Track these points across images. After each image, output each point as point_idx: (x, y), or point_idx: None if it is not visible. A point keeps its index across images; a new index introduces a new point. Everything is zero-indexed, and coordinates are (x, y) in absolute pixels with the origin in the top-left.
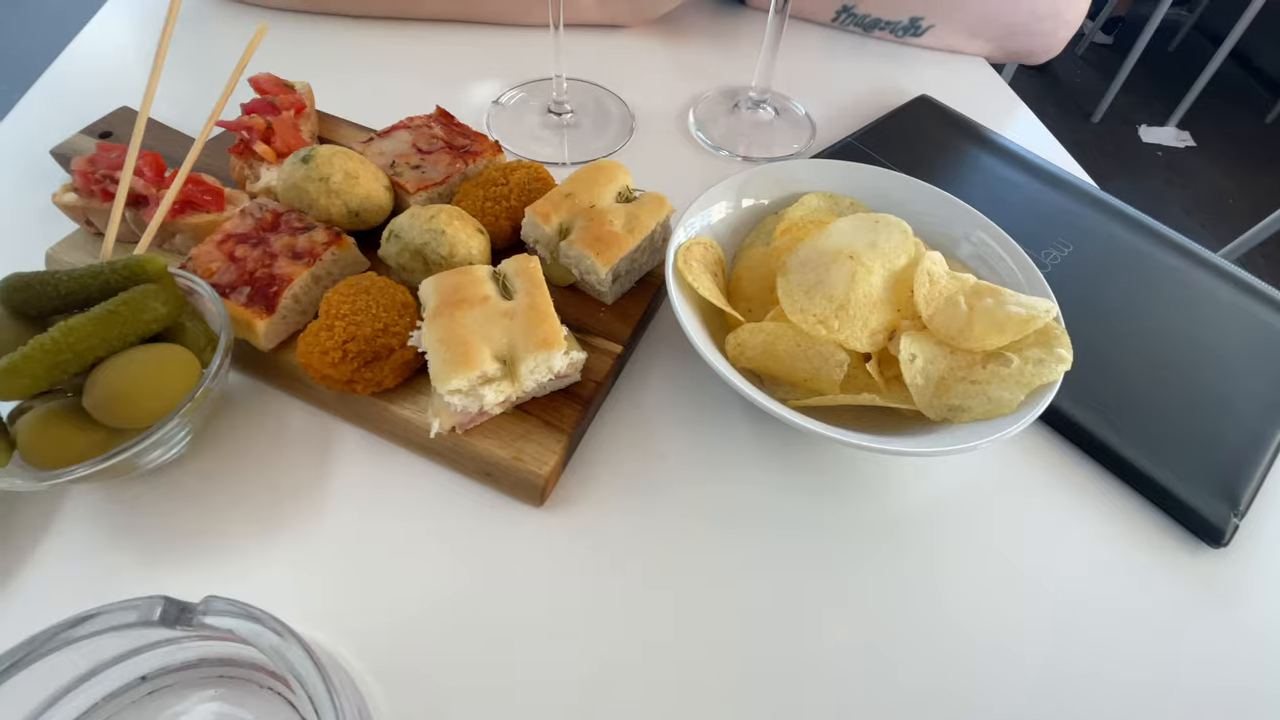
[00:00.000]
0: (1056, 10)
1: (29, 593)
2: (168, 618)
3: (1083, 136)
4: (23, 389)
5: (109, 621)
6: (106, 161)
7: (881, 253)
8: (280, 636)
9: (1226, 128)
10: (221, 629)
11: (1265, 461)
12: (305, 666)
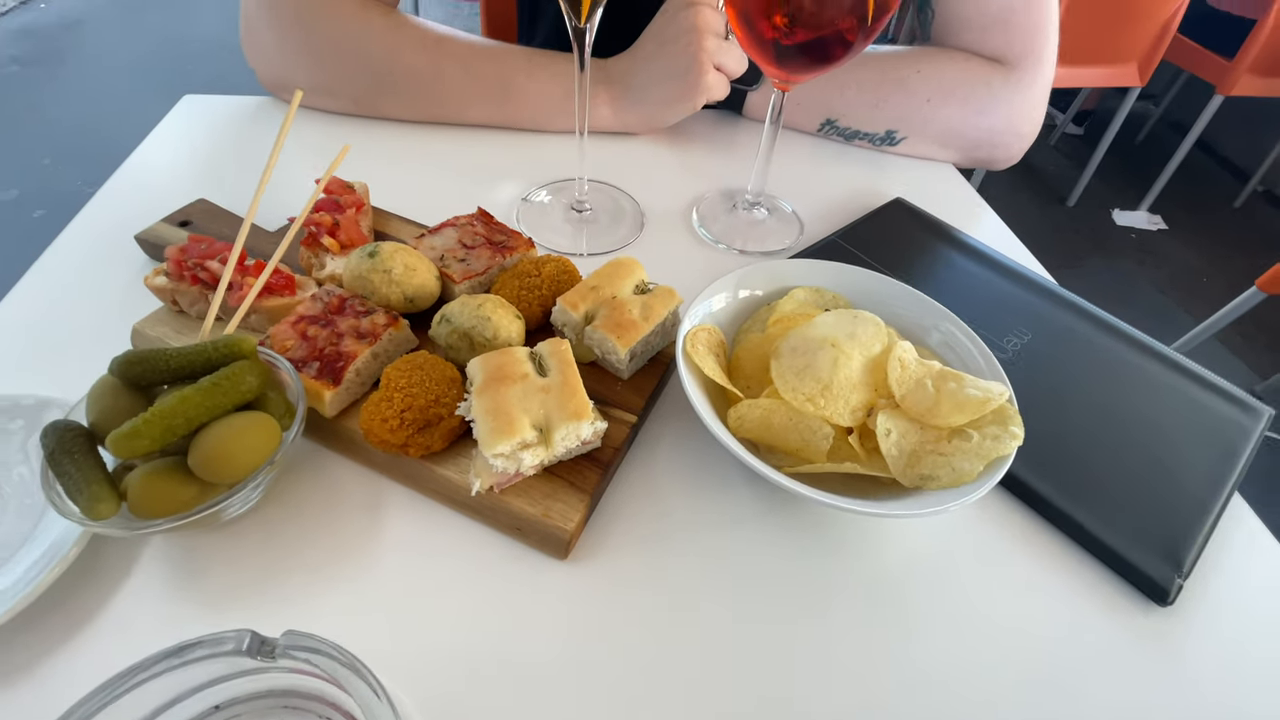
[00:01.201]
0: (1013, 127)
1: (110, 628)
2: (253, 649)
3: (1059, 220)
4: (141, 449)
5: (208, 650)
6: (197, 251)
7: (859, 342)
8: (352, 669)
9: (1197, 211)
10: (299, 660)
11: (1206, 528)
12: (369, 696)
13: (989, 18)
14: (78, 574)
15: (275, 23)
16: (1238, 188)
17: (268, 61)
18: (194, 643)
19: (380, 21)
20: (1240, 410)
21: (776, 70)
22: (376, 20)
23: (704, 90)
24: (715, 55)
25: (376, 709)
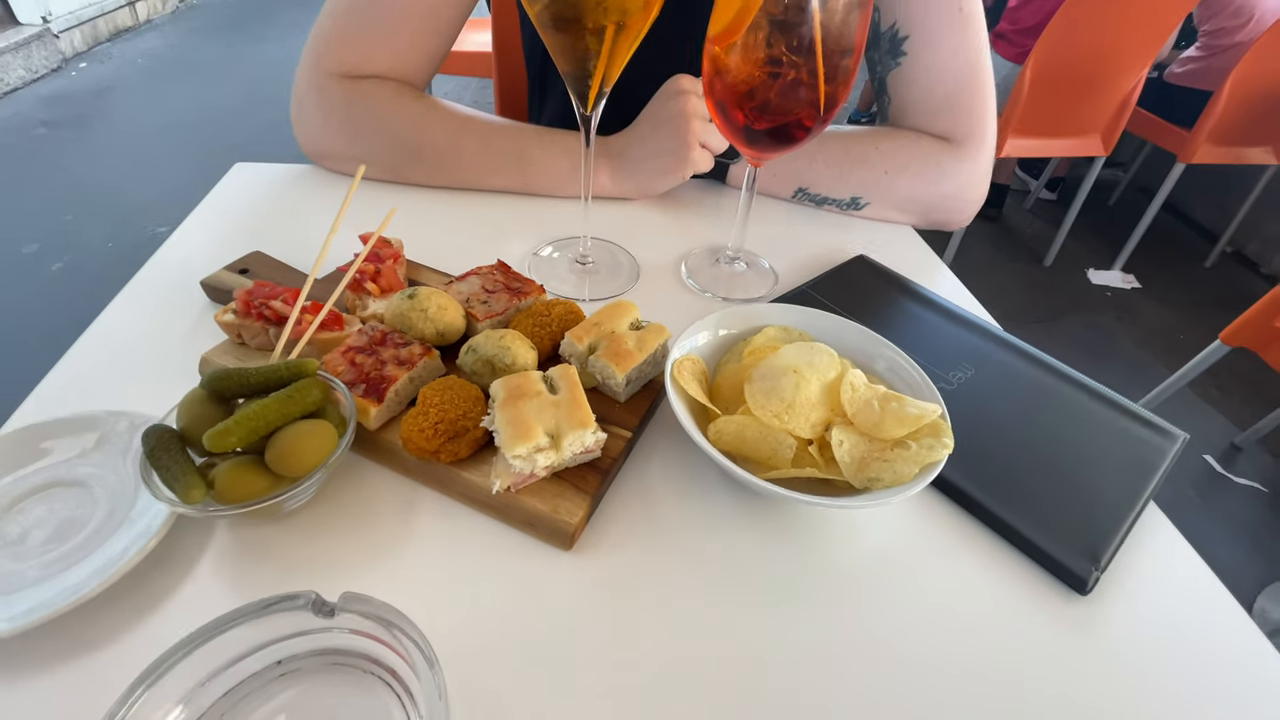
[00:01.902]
0: (961, 194)
1: (185, 599)
2: (317, 606)
3: (1037, 278)
4: (230, 444)
5: (282, 606)
6: (262, 293)
7: (817, 369)
8: (399, 625)
9: (1169, 271)
10: (355, 615)
11: (1122, 531)
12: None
13: (936, 103)
14: (159, 556)
15: (322, 105)
16: (1207, 248)
17: (313, 136)
18: (271, 599)
19: (411, 105)
20: (1158, 434)
21: (748, 150)
22: (408, 104)
23: (691, 164)
24: (701, 135)
25: (420, 664)
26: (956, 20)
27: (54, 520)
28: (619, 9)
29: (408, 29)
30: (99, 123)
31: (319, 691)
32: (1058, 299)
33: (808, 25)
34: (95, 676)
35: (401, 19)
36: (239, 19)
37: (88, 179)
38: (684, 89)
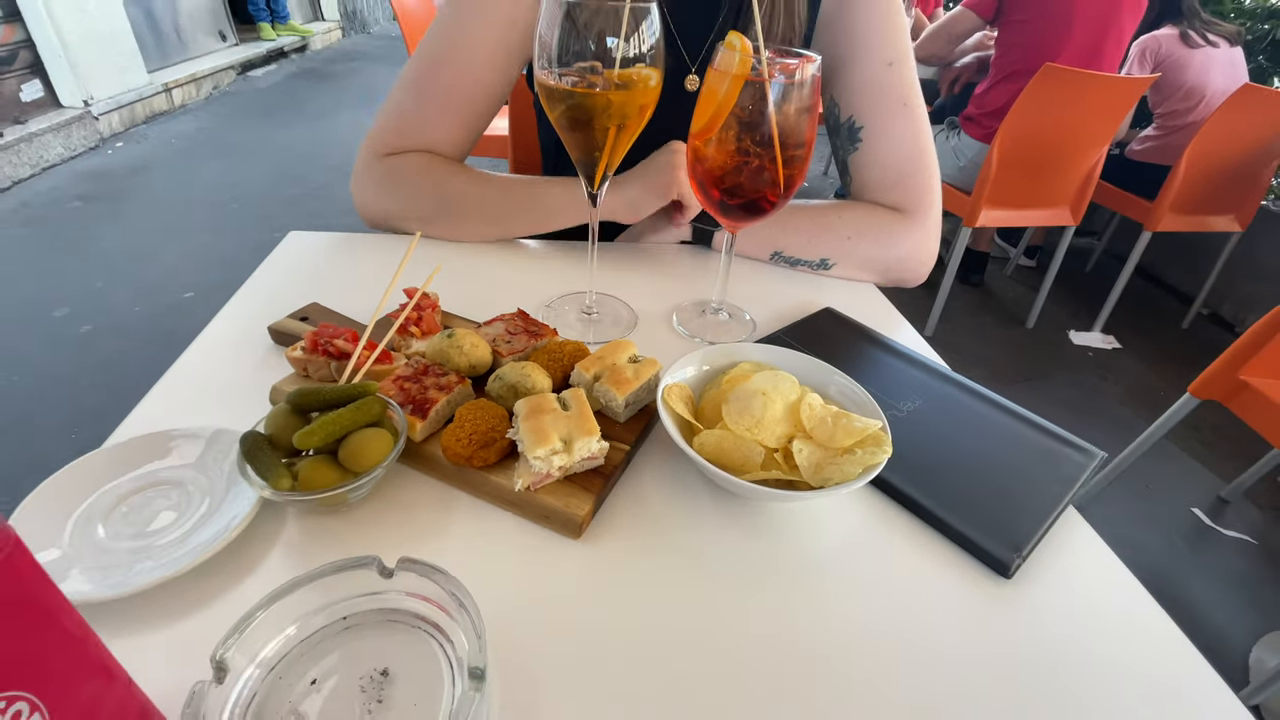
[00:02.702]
0: (914, 256)
1: (263, 574)
2: (380, 568)
3: (1021, 340)
4: (313, 443)
5: (352, 565)
6: (326, 334)
7: (781, 392)
8: (447, 585)
9: (1148, 332)
10: (411, 573)
11: (1042, 527)
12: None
13: (889, 181)
14: (242, 541)
15: (372, 178)
16: (1183, 310)
17: (366, 201)
18: (343, 561)
19: (441, 167)
20: (1079, 452)
21: (725, 220)
22: (439, 166)
23: (675, 186)
24: (683, 186)
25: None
26: (901, 113)
27: (160, 511)
28: (620, 114)
29: (446, 120)
30: (132, 197)
31: (377, 641)
32: (1042, 360)
33: (767, 125)
34: (193, 631)
35: (441, 112)
36: (267, 105)
37: (119, 248)
38: (675, 149)
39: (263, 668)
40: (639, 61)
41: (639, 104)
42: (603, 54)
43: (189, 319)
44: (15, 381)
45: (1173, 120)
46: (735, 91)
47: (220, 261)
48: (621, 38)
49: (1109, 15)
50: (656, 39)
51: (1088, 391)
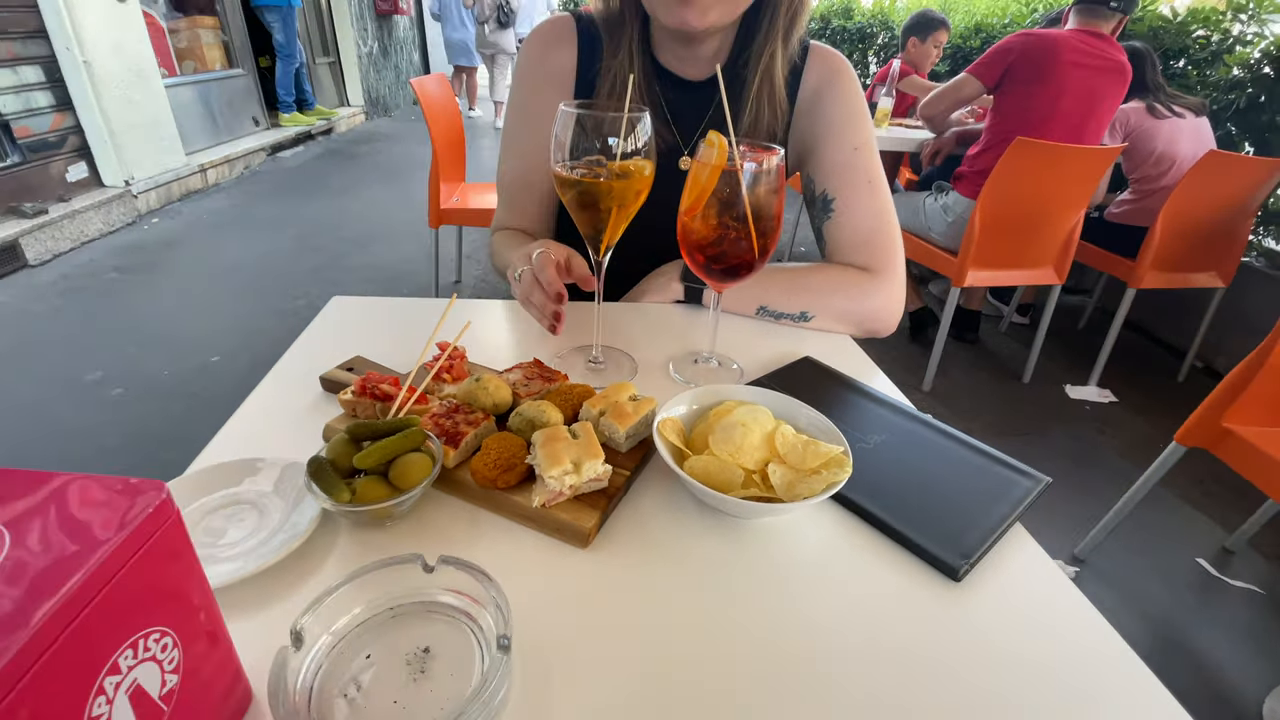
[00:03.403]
0: (884, 308)
1: (321, 576)
2: (422, 564)
3: (1017, 394)
4: (369, 463)
5: (399, 561)
6: (373, 380)
7: (758, 423)
8: (482, 575)
9: (1143, 386)
10: (451, 568)
11: (989, 539)
12: (485, 595)
13: (858, 245)
14: (304, 550)
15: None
16: (1177, 364)
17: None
18: (391, 558)
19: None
20: (1026, 477)
21: (711, 281)
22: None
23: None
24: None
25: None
26: (867, 189)
27: (237, 524)
28: (619, 198)
29: (521, 212)
30: (165, 269)
31: (419, 627)
32: (1039, 414)
33: (742, 203)
34: (265, 619)
35: (517, 207)
36: (294, 183)
37: (151, 316)
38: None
39: (328, 642)
40: (635, 155)
41: (635, 189)
42: (605, 150)
43: (214, 380)
44: (45, 438)
45: (1146, 185)
46: (714, 179)
47: (245, 327)
48: (621, 138)
49: (1095, 92)
50: (648, 138)
51: (1086, 444)
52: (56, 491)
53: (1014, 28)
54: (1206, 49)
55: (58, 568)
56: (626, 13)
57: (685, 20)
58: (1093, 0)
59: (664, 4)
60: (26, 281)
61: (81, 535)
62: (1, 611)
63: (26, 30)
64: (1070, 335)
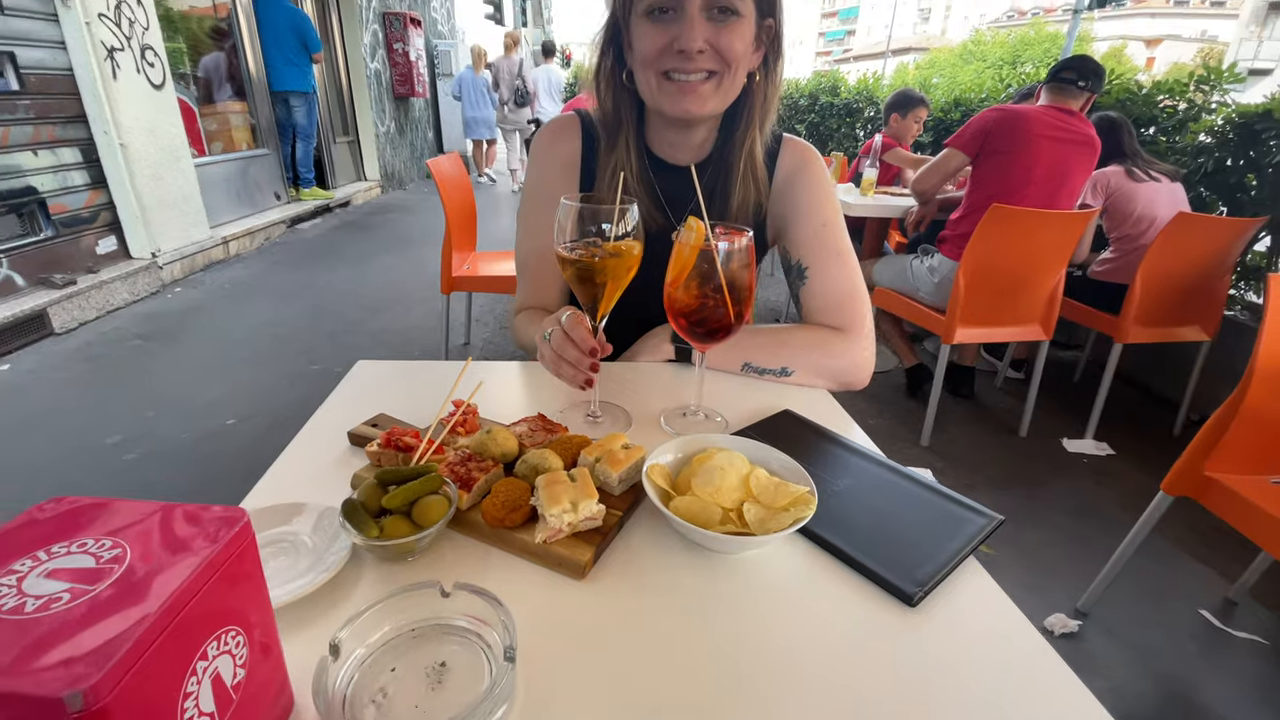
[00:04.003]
0: (856, 363)
1: (351, 604)
2: (439, 589)
3: (1015, 448)
4: (395, 504)
5: (420, 588)
6: (397, 434)
7: (735, 467)
8: (493, 600)
9: (1139, 439)
10: (465, 593)
11: (943, 569)
12: (494, 617)
13: (830, 307)
14: (336, 582)
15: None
16: (1172, 416)
17: (514, 337)
18: (412, 584)
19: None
20: (980, 515)
21: (695, 343)
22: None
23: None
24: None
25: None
26: (836, 259)
27: (284, 556)
28: (612, 273)
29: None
30: (185, 336)
31: (437, 645)
32: (1038, 467)
33: (718, 277)
34: (303, 638)
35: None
36: (313, 252)
37: (170, 382)
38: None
39: (360, 655)
40: (625, 237)
41: (626, 266)
42: (600, 234)
43: (229, 443)
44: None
45: (1127, 244)
46: (693, 257)
47: (261, 391)
48: (614, 224)
49: (1065, 163)
50: (636, 223)
51: (1085, 497)
52: (163, 514)
53: (990, 101)
54: (1174, 118)
55: (171, 570)
56: (622, 115)
57: (688, 109)
58: (1062, 79)
59: (669, 97)
60: (52, 349)
61: (185, 547)
62: (131, 602)
63: (68, 115)
64: (1065, 389)
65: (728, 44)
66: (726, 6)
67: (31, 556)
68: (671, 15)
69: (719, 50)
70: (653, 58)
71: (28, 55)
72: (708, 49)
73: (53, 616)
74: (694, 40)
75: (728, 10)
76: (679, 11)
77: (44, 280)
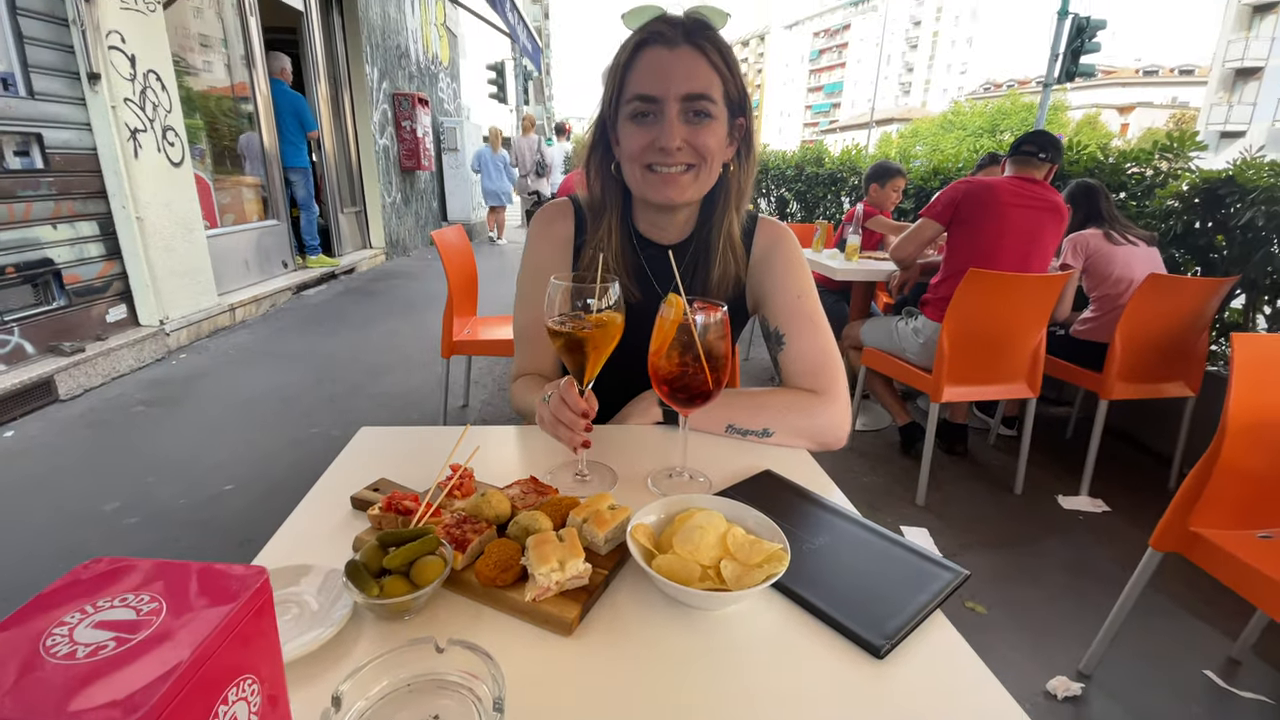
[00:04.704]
0: (833, 423)
1: (352, 659)
2: (435, 645)
3: (1011, 506)
4: (395, 564)
5: (416, 644)
6: (397, 498)
7: (713, 526)
8: (484, 655)
9: (1134, 495)
10: (458, 649)
11: (909, 622)
12: (485, 671)
13: (806, 372)
14: (339, 638)
15: (512, 389)
16: (1166, 470)
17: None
18: (409, 640)
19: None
20: (946, 570)
21: (678, 407)
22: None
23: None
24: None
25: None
26: (810, 327)
27: (290, 613)
28: (595, 345)
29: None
30: (188, 401)
31: (431, 698)
32: (1034, 525)
33: (695, 347)
34: (310, 689)
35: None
36: (317, 318)
37: (171, 447)
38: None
39: (360, 707)
40: (607, 309)
41: (609, 335)
42: (585, 308)
43: (225, 509)
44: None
45: (1106, 304)
46: (673, 331)
47: (260, 456)
48: (597, 299)
49: (1034, 228)
50: (618, 298)
51: (1083, 555)
52: (194, 571)
53: (966, 170)
54: (1141, 184)
55: (201, 621)
56: (608, 201)
57: (669, 197)
58: (1024, 153)
59: (652, 186)
60: (55, 415)
61: (213, 601)
62: (171, 648)
63: (89, 191)
64: (1058, 445)
65: (703, 142)
66: (701, 110)
67: (80, 609)
68: (653, 118)
69: (695, 147)
70: (637, 153)
71: (54, 136)
72: (685, 146)
73: (100, 663)
74: (673, 139)
75: (702, 114)
76: (659, 115)
77: (53, 348)
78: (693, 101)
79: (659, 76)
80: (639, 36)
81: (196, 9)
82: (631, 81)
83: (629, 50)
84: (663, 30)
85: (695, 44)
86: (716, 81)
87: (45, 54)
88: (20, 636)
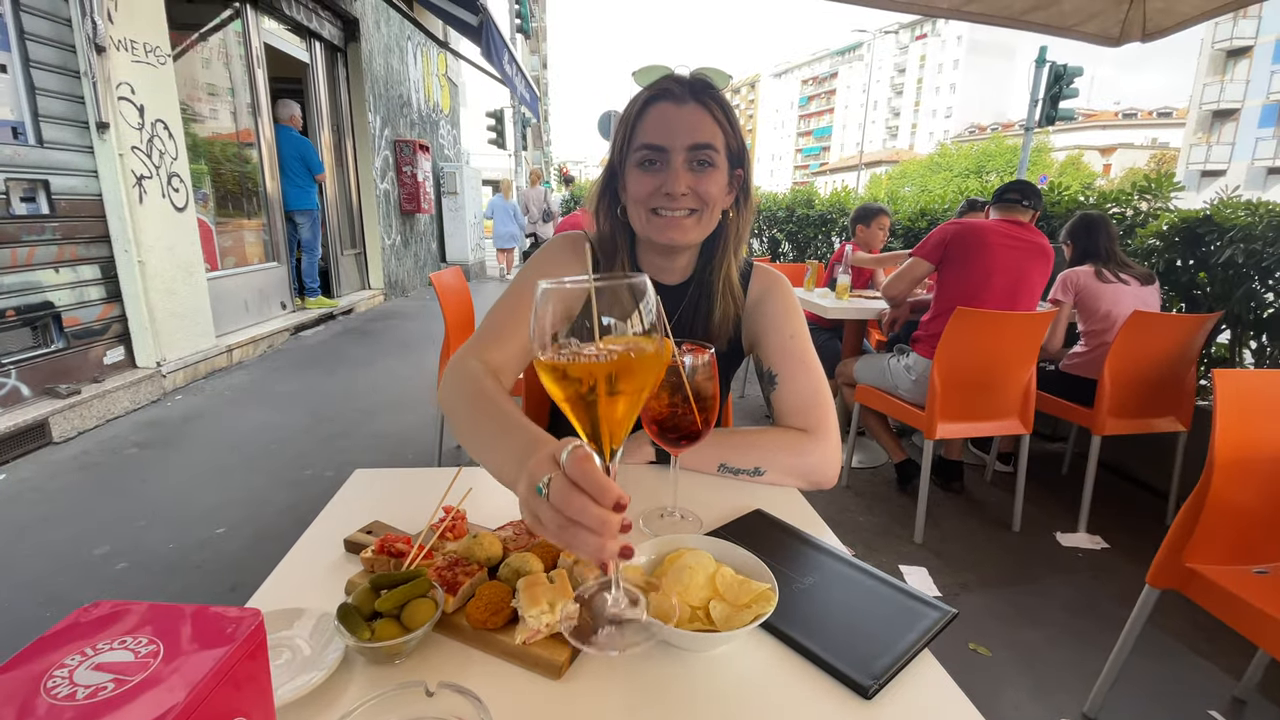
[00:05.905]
0: (823, 462)
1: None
2: (425, 689)
3: (1010, 543)
4: (387, 607)
5: (408, 688)
6: (390, 540)
7: (702, 566)
8: (474, 699)
9: (1133, 531)
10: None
11: (897, 662)
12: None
13: (797, 411)
14: (331, 682)
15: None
16: (1163, 505)
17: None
18: (400, 684)
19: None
20: (933, 609)
21: (668, 447)
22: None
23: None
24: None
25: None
26: (801, 368)
27: (282, 657)
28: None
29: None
30: (182, 443)
31: None
32: (1034, 563)
33: (684, 388)
34: None
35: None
36: (314, 358)
37: (164, 490)
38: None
39: None
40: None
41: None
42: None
43: (215, 554)
44: (48, 616)
45: (1096, 339)
46: (662, 373)
47: (252, 499)
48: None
49: (1021, 267)
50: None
51: (1084, 593)
52: (190, 614)
53: (952, 210)
54: (1123, 223)
55: (198, 662)
56: (617, 237)
57: (673, 239)
58: (1008, 199)
59: (657, 228)
60: (48, 458)
61: (209, 643)
62: (168, 689)
63: (92, 236)
64: (1054, 481)
65: (705, 188)
66: (705, 159)
67: (80, 651)
68: (659, 166)
69: (698, 193)
70: (644, 198)
71: (61, 182)
72: (689, 191)
73: (99, 704)
74: (678, 185)
75: (705, 162)
76: (666, 164)
77: (49, 390)
78: (697, 151)
79: (668, 129)
80: (649, 93)
81: (205, 60)
82: (641, 132)
83: (640, 104)
84: (671, 88)
85: (701, 101)
86: (719, 135)
87: (56, 104)
88: (22, 677)
